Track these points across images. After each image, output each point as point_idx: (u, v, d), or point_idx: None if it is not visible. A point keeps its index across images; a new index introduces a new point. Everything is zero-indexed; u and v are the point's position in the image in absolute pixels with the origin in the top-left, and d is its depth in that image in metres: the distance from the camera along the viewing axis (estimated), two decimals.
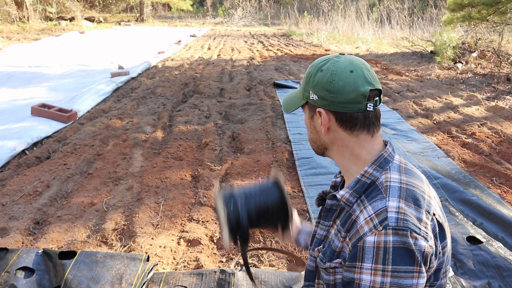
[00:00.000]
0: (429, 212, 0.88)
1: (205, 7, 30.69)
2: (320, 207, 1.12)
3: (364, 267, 0.84)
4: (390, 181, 0.91)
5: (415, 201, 0.88)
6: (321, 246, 1.01)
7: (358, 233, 0.86)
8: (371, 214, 0.86)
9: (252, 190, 0.99)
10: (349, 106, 0.93)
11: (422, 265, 0.83)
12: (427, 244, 0.83)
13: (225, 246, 1.29)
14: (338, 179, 1.14)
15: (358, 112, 0.93)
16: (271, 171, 1.25)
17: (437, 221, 0.90)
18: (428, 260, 0.84)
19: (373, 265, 0.82)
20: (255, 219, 0.96)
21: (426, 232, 0.84)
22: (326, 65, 0.96)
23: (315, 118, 1.00)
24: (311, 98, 0.97)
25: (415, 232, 0.82)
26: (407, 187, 0.90)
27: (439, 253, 0.90)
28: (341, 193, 0.96)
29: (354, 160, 0.98)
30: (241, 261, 2.22)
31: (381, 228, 0.83)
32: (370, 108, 0.93)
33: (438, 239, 0.89)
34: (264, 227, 0.99)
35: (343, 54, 0.98)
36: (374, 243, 0.83)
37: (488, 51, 9.50)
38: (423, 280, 0.83)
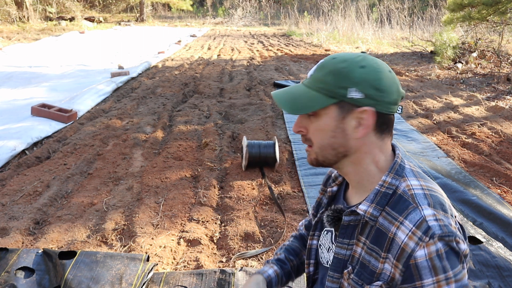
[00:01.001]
0: (452, 216, 0.87)
1: (205, 7, 30.69)
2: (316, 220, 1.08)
3: (425, 284, 0.80)
4: (413, 189, 0.87)
5: (442, 206, 0.86)
6: (350, 268, 0.93)
7: (405, 251, 0.81)
8: (411, 228, 0.82)
9: (262, 143, 3.13)
10: (392, 107, 0.86)
11: (465, 264, 0.83)
12: (465, 246, 0.82)
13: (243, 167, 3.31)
14: (334, 188, 1.05)
15: (392, 114, 0.88)
16: (272, 138, 2.91)
17: (459, 223, 0.89)
18: (466, 262, 0.83)
19: (434, 278, 0.79)
20: (260, 156, 3.05)
21: (462, 236, 0.84)
22: (365, 61, 0.86)
23: (347, 119, 0.87)
24: (350, 96, 0.85)
25: (457, 236, 0.81)
26: (430, 193, 0.87)
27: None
28: (363, 208, 0.90)
29: (370, 168, 0.92)
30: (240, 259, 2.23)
31: (427, 239, 0.80)
32: (399, 111, 0.89)
33: None
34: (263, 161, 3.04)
35: (364, 53, 0.91)
36: (425, 256, 0.80)
37: (488, 51, 9.49)
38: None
